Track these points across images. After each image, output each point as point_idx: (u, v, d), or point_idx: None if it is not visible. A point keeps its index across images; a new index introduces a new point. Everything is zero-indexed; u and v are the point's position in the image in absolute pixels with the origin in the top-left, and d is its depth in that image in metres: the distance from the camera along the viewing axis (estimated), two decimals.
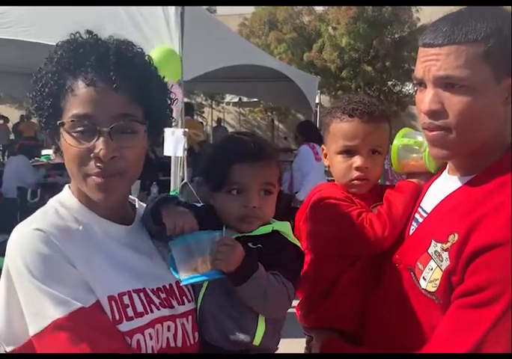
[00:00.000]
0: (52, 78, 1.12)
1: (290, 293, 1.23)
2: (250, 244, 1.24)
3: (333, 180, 1.57)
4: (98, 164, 1.10)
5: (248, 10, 16.32)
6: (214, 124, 18.56)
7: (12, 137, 15.82)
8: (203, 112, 19.26)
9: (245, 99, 16.71)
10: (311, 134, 6.21)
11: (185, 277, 1.19)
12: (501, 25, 1.10)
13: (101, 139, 1.09)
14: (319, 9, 15.36)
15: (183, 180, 4.60)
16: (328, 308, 1.47)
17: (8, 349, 1.11)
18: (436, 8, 15.08)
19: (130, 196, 1.33)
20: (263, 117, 18.95)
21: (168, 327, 1.17)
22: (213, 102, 18.93)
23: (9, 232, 1.15)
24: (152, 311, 1.14)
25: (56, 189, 1.28)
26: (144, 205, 1.35)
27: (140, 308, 1.12)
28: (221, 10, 17.43)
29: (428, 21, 14.30)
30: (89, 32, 1.17)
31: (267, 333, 1.24)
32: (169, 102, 1.25)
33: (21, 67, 8.98)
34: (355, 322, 1.45)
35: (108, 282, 1.11)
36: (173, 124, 3.82)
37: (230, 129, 18.26)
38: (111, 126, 1.09)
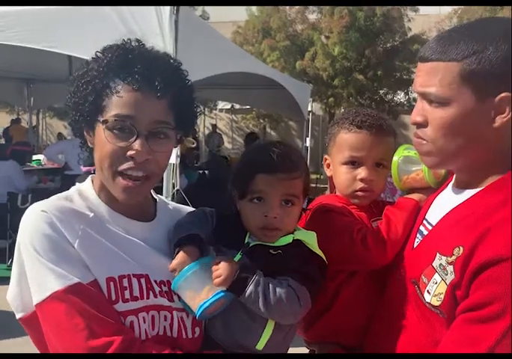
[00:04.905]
0: (97, 76, 1.20)
1: (301, 298, 1.23)
2: (271, 251, 1.28)
3: None
4: (130, 163, 1.18)
5: (242, 17, 16.37)
6: (207, 131, 18.57)
7: (2, 141, 15.70)
8: None
9: (237, 106, 16.77)
10: None
11: (196, 308, 1.20)
12: (486, 46, 1.09)
13: (138, 140, 1.17)
14: (312, 18, 15.45)
15: (175, 187, 4.60)
16: (330, 322, 1.46)
17: (18, 316, 1.22)
18: (427, 19, 15.22)
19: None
20: (255, 124, 18.96)
21: (165, 317, 1.21)
22: (206, 108, 18.94)
23: None
24: (148, 297, 1.20)
25: (47, 195, 1.29)
26: (166, 200, 1.45)
27: (136, 292, 1.18)
28: (215, 17, 17.48)
29: (420, 31, 14.54)
30: (138, 41, 1.25)
31: (273, 340, 1.25)
32: (196, 110, 1.34)
33: (12, 72, 8.96)
34: (358, 336, 1.43)
35: (110, 264, 1.19)
36: None
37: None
38: (149, 129, 1.18)
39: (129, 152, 1.17)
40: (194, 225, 1.30)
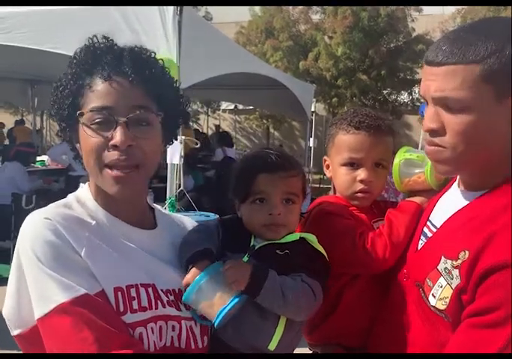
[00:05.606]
0: (71, 79, 1.19)
1: (315, 292, 1.24)
2: (278, 251, 1.28)
3: None
4: (115, 153, 1.13)
5: (245, 18, 16.38)
6: (210, 131, 18.59)
7: (7, 142, 15.74)
8: (198, 119, 19.28)
9: (240, 107, 16.76)
10: None
11: (214, 317, 1.19)
12: (504, 44, 1.07)
13: (118, 128, 1.13)
14: (315, 18, 15.44)
15: (179, 188, 4.61)
16: (334, 325, 1.45)
17: (15, 332, 1.13)
18: (431, 19, 15.16)
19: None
20: (258, 125, 18.96)
21: (173, 327, 1.17)
22: (209, 109, 18.97)
23: (3, 238, 1.15)
24: (157, 307, 1.15)
25: (51, 196, 1.29)
26: (161, 209, 1.41)
27: (145, 302, 1.13)
28: (218, 18, 17.49)
29: (423, 31, 14.51)
30: (105, 37, 1.23)
31: (284, 340, 1.24)
32: (181, 100, 1.30)
33: (17, 73, 8.99)
34: (361, 338, 1.42)
35: (117, 274, 1.13)
36: None
37: None
38: (127, 115, 1.14)
39: (111, 142, 1.13)
40: (205, 241, 1.30)
